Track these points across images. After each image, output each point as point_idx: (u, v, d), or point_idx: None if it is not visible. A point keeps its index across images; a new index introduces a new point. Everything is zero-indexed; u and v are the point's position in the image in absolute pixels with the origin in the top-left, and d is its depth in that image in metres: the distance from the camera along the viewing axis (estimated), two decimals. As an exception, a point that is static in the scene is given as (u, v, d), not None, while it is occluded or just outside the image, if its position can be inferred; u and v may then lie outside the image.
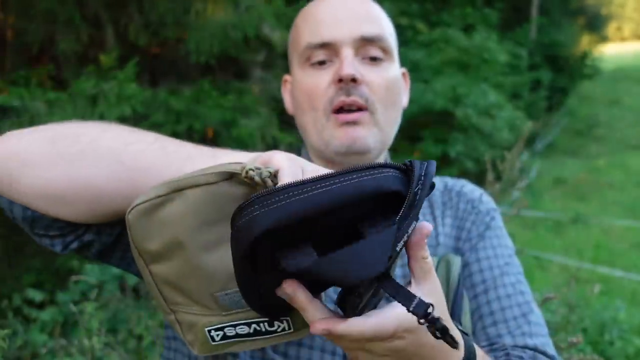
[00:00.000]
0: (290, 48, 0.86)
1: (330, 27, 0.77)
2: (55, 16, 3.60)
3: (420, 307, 0.46)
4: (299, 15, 0.84)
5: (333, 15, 0.78)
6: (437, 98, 8.10)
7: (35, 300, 2.79)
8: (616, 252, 6.22)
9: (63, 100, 3.13)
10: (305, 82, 0.79)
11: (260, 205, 0.45)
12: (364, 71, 0.77)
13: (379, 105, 0.78)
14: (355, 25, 0.77)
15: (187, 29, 3.83)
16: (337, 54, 0.77)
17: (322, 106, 0.77)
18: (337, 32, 0.76)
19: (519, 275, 0.83)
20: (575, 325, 2.79)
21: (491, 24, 10.62)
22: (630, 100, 15.81)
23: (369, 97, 0.77)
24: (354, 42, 0.77)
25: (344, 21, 0.77)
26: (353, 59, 0.76)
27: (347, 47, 0.76)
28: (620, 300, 4.23)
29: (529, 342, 0.76)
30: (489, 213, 0.86)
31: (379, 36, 0.78)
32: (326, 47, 0.77)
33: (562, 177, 9.87)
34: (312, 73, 0.79)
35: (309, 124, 0.80)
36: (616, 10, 32.05)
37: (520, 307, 0.78)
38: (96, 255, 0.70)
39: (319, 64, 0.78)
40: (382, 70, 0.79)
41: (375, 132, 0.78)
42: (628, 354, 3.38)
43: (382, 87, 0.78)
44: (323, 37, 0.77)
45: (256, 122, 4.15)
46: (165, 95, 3.74)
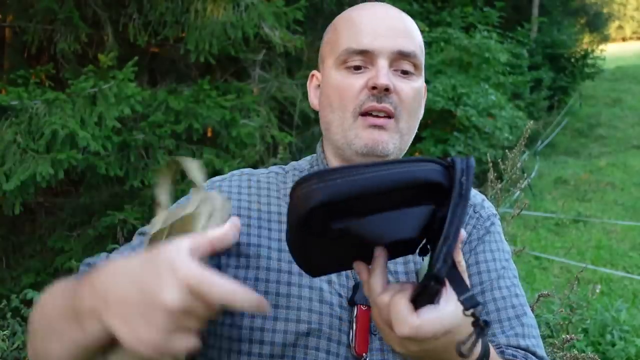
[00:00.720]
0: (326, 47, 0.90)
1: (370, 36, 0.82)
2: (54, 16, 3.60)
3: (471, 300, 0.52)
4: (340, 18, 0.89)
5: (375, 26, 0.83)
6: (438, 98, 8.08)
7: (35, 301, 2.78)
8: (617, 253, 6.20)
9: (62, 100, 3.12)
10: (339, 82, 0.84)
11: (318, 180, 0.52)
12: (396, 82, 0.82)
13: (405, 114, 0.83)
14: (394, 40, 0.83)
15: (187, 29, 3.82)
16: (372, 62, 0.82)
17: (352, 107, 0.82)
18: (377, 43, 0.82)
19: (514, 279, 0.88)
20: (576, 325, 2.78)
21: (492, 23, 10.60)
22: (631, 100, 15.80)
23: (397, 105, 0.82)
24: (390, 54, 0.82)
25: (384, 33, 0.83)
26: (388, 70, 0.81)
27: (383, 58, 0.82)
28: (622, 301, 4.22)
29: (522, 343, 0.81)
30: (490, 218, 0.91)
31: (414, 53, 0.84)
32: (364, 54, 0.82)
33: (563, 177, 9.86)
34: (347, 75, 0.83)
35: (335, 122, 0.84)
36: (617, 9, 32.04)
37: (514, 309, 0.84)
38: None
39: (354, 68, 0.83)
40: (412, 83, 0.84)
41: (397, 139, 0.83)
42: (629, 354, 3.37)
43: (410, 98, 0.84)
44: (363, 45, 0.82)
45: (256, 122, 4.14)
46: (164, 94, 3.73)
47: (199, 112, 3.65)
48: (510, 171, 2.09)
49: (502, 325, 0.82)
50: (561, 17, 14.95)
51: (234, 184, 0.88)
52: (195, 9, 3.79)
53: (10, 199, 2.99)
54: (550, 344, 2.23)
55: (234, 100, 3.93)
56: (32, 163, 2.94)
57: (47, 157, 2.97)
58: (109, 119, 3.17)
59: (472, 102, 8.19)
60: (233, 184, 0.88)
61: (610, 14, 21.71)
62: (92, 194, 3.83)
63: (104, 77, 3.29)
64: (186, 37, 3.86)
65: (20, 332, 2.68)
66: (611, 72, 18.85)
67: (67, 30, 3.63)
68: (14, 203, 3.02)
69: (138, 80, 3.77)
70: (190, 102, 3.70)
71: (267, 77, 4.76)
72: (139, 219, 3.52)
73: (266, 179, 0.90)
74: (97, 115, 3.18)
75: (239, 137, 3.95)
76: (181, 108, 3.63)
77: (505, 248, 0.91)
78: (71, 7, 3.57)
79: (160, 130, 3.58)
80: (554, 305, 3.04)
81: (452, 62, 9.13)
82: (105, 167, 3.33)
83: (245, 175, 0.90)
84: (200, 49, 3.78)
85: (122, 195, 3.76)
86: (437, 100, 8.05)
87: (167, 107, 3.66)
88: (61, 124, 2.97)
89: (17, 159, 2.97)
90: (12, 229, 3.88)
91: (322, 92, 0.88)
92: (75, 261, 3.32)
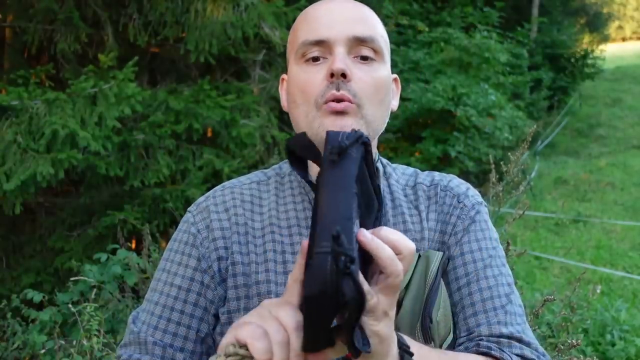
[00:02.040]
0: (289, 47, 0.91)
1: (325, 26, 0.82)
2: (54, 16, 3.60)
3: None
4: (299, 17, 0.90)
5: (329, 16, 0.84)
6: (438, 98, 8.09)
7: (35, 301, 2.78)
8: (617, 253, 6.21)
9: (62, 100, 3.12)
10: (299, 77, 0.84)
11: None
12: (354, 69, 0.82)
13: (366, 101, 0.82)
14: (349, 26, 0.82)
15: (187, 29, 3.82)
16: (330, 51, 0.82)
17: (313, 99, 0.82)
18: (332, 31, 0.82)
19: (502, 267, 0.87)
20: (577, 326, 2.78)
21: (492, 23, 10.61)
22: (631, 100, 15.80)
23: (357, 92, 0.81)
24: (347, 41, 0.82)
25: (339, 21, 0.83)
26: (345, 56, 0.81)
27: (340, 45, 0.81)
28: (622, 301, 4.22)
29: (504, 331, 0.81)
30: (474, 207, 0.90)
31: (371, 37, 0.83)
32: (321, 44, 0.82)
33: (563, 177, 9.86)
34: (306, 69, 0.84)
35: (301, 116, 0.84)
36: (617, 9, 32.04)
37: (500, 298, 0.83)
38: None
39: (313, 60, 0.83)
40: (371, 70, 0.83)
41: (362, 124, 0.81)
42: (629, 354, 3.37)
43: (371, 85, 0.82)
44: (318, 35, 0.82)
45: (256, 122, 4.14)
46: (164, 94, 3.73)
47: (199, 112, 3.65)
48: (512, 172, 2.08)
49: (488, 316, 0.82)
50: (561, 17, 14.96)
51: (219, 200, 0.88)
52: (195, 9, 3.79)
53: (11, 198, 2.99)
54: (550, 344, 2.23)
55: (234, 100, 3.93)
56: (33, 163, 2.94)
57: (48, 157, 2.97)
58: (109, 119, 3.17)
59: (472, 102, 8.19)
60: (218, 200, 0.88)
61: (610, 14, 21.71)
62: (92, 194, 3.83)
63: (104, 77, 3.29)
64: (186, 37, 3.86)
65: (20, 332, 2.68)
66: (611, 72, 18.85)
67: (67, 30, 3.63)
68: (14, 203, 3.02)
69: (138, 80, 3.77)
70: (190, 102, 3.70)
71: (267, 77, 4.76)
72: (138, 219, 3.52)
73: (248, 191, 0.90)
74: (97, 115, 3.18)
75: (239, 137, 3.94)
76: (181, 108, 3.63)
77: (493, 235, 0.90)
78: (71, 7, 3.57)
79: (160, 130, 3.58)
80: (554, 305, 3.04)
81: (452, 62, 9.14)
82: (106, 167, 3.33)
83: (228, 189, 0.90)
84: (200, 49, 3.78)
85: (122, 195, 3.76)
86: (437, 100, 8.05)
87: (167, 107, 3.66)
88: (61, 124, 2.97)
89: (18, 159, 2.97)
90: (12, 229, 3.88)
91: (288, 90, 0.88)
92: (75, 261, 3.31)
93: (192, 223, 0.86)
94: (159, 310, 0.82)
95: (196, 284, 0.82)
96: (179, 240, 0.87)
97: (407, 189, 0.93)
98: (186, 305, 0.82)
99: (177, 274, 0.83)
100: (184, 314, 0.81)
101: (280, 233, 0.85)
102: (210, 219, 0.86)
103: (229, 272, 0.82)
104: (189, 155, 3.87)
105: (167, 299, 0.82)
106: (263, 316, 0.55)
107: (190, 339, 0.81)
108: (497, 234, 0.93)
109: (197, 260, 0.83)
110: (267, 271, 0.81)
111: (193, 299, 0.82)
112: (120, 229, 3.24)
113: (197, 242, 0.84)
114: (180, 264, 0.84)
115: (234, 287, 0.81)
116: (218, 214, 0.86)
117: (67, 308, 2.60)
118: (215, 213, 0.86)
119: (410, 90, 8.37)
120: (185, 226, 0.87)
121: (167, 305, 0.82)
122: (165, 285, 0.84)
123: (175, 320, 0.81)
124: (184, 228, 0.87)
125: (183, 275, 0.83)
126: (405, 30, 9.87)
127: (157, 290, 0.84)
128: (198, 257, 0.83)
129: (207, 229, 0.85)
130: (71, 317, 2.62)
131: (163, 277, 0.85)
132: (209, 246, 0.84)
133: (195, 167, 3.85)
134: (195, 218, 0.87)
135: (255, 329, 0.54)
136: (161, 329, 0.81)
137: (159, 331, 0.81)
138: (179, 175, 3.89)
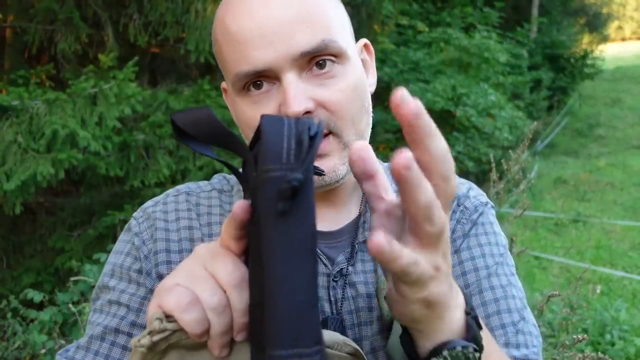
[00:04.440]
0: (219, 63, 0.69)
1: (258, 48, 0.61)
2: (54, 16, 3.60)
3: None
4: (217, 26, 0.66)
5: (257, 30, 0.60)
6: (437, 98, 8.09)
7: (35, 301, 2.78)
8: (617, 253, 6.21)
9: (62, 100, 3.12)
10: (246, 114, 0.65)
11: None
12: (316, 90, 0.63)
13: (344, 124, 0.64)
14: (289, 39, 0.60)
15: (187, 29, 3.82)
16: (277, 79, 0.63)
17: None
18: (269, 54, 0.60)
19: (511, 276, 0.73)
20: (576, 325, 2.79)
21: (491, 23, 10.61)
22: (631, 100, 15.81)
23: (329, 120, 0.63)
24: (292, 62, 0.61)
25: (273, 36, 0.60)
26: (298, 85, 0.61)
27: (287, 72, 0.61)
28: (621, 301, 4.22)
29: (516, 354, 0.67)
30: (477, 209, 0.76)
31: (323, 44, 0.61)
32: (261, 74, 0.62)
33: (563, 177, 9.86)
34: (251, 104, 0.64)
35: None
36: (617, 9, 32.04)
37: (510, 314, 0.69)
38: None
39: (256, 87, 0.64)
40: (338, 81, 0.64)
41: (345, 155, 0.66)
42: (629, 354, 3.37)
43: (344, 102, 0.64)
44: (253, 65, 0.61)
45: (256, 122, 4.15)
46: (164, 95, 3.74)
47: (199, 112, 3.66)
48: (513, 171, 2.09)
49: (494, 335, 0.66)
50: (561, 17, 14.96)
51: (170, 208, 0.73)
52: (195, 9, 3.79)
53: (11, 198, 2.99)
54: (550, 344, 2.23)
55: (234, 101, 3.94)
56: (33, 163, 2.94)
57: (48, 157, 2.97)
58: (109, 119, 3.17)
59: (472, 103, 8.19)
60: (169, 207, 0.73)
61: (609, 14, 21.70)
62: (92, 194, 3.84)
63: (104, 77, 3.29)
64: (186, 37, 3.86)
65: (21, 332, 2.69)
66: (611, 72, 18.85)
67: (67, 31, 3.63)
68: (15, 203, 3.02)
69: (138, 80, 3.78)
70: (191, 102, 3.71)
71: (267, 77, 4.76)
72: (139, 219, 3.52)
73: (207, 200, 0.75)
74: (97, 115, 3.18)
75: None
76: (181, 108, 3.64)
77: (500, 241, 0.75)
78: (71, 8, 3.57)
79: (161, 131, 3.58)
80: (553, 305, 3.05)
81: (452, 62, 9.13)
82: (106, 167, 3.33)
83: (183, 195, 0.75)
84: (201, 49, 3.78)
85: (122, 195, 3.76)
86: (437, 100, 8.05)
87: (168, 107, 3.67)
88: (62, 124, 2.98)
89: (18, 159, 2.97)
90: (13, 229, 3.88)
91: (237, 121, 0.69)
92: (76, 261, 3.32)
93: (136, 233, 0.72)
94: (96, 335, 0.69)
95: (147, 303, 0.69)
96: (119, 253, 0.73)
97: None
98: (135, 327, 0.69)
99: (125, 292, 0.70)
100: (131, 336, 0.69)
101: None
102: (155, 228, 0.71)
103: None
104: (189, 155, 3.88)
105: (115, 320, 0.69)
106: (193, 275, 0.44)
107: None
108: (507, 240, 0.78)
109: (141, 275, 0.70)
110: None
111: (142, 320, 0.69)
112: (120, 229, 3.24)
113: (140, 255, 0.70)
114: (129, 282, 0.70)
115: None
116: (167, 223, 0.72)
117: (67, 308, 2.60)
118: (164, 222, 0.72)
119: (410, 90, 8.36)
120: (129, 236, 0.73)
121: (109, 328, 0.68)
122: (108, 307, 0.70)
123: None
124: (127, 238, 0.73)
125: (133, 294, 0.69)
126: (405, 30, 9.86)
127: (97, 316, 0.71)
128: (139, 270, 0.70)
129: (152, 240, 0.71)
130: (71, 317, 2.63)
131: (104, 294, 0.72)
132: (152, 260, 0.70)
133: (196, 167, 3.86)
134: (140, 227, 0.72)
135: (182, 295, 0.42)
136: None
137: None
138: (179, 175, 3.89)
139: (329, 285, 0.68)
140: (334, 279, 0.68)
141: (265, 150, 0.36)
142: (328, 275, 0.69)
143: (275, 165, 0.35)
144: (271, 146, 0.36)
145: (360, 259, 0.70)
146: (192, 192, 0.76)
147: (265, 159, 0.36)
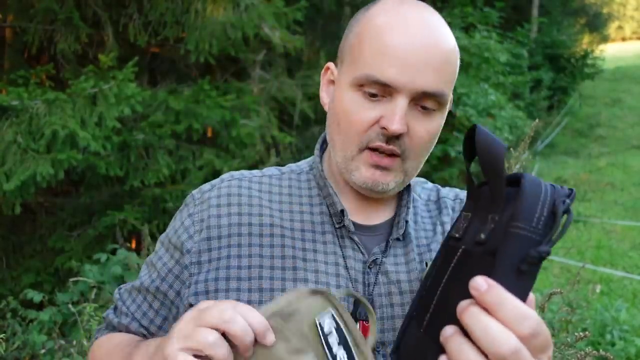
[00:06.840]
0: (346, 49, 0.80)
1: (396, 68, 0.72)
2: (54, 16, 3.60)
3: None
4: (367, 26, 0.77)
5: (404, 54, 0.72)
6: (438, 98, 8.09)
7: (35, 301, 2.78)
8: (617, 253, 6.21)
9: (62, 100, 3.12)
10: (351, 108, 0.76)
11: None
12: (412, 121, 0.75)
13: (413, 155, 0.77)
14: (422, 77, 0.73)
15: (187, 29, 3.82)
16: (392, 95, 0.74)
17: (358, 140, 0.76)
18: (402, 78, 0.72)
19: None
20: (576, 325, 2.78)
21: (492, 23, 10.60)
22: (631, 100, 15.80)
23: (407, 147, 0.76)
24: (413, 93, 0.73)
25: (412, 67, 0.72)
26: (404, 112, 0.73)
27: (403, 97, 0.73)
28: (621, 301, 4.22)
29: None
30: None
31: (440, 92, 0.74)
32: (385, 86, 0.73)
33: (563, 177, 9.86)
34: (360, 102, 0.75)
35: (339, 143, 0.79)
36: (617, 9, 32.03)
37: None
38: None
39: (370, 95, 0.75)
40: (430, 122, 0.77)
41: (400, 179, 0.78)
42: (629, 354, 3.37)
43: (423, 140, 0.77)
44: (386, 78, 0.73)
45: (255, 122, 4.15)
46: (164, 95, 3.74)
47: (199, 112, 3.66)
48: (514, 169, 2.08)
49: None
50: (561, 17, 14.96)
51: (223, 192, 0.83)
52: (195, 9, 3.79)
53: (11, 199, 2.99)
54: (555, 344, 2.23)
55: (234, 100, 3.93)
56: (33, 163, 2.94)
57: (48, 157, 2.97)
58: (109, 119, 3.17)
59: (472, 102, 8.19)
60: (222, 192, 0.83)
61: (610, 14, 21.71)
62: (92, 194, 3.83)
63: (104, 77, 3.29)
64: (186, 37, 3.86)
65: (21, 332, 2.68)
66: (611, 72, 18.85)
67: (67, 31, 3.63)
68: (14, 203, 3.02)
69: (138, 80, 3.78)
70: (190, 102, 3.71)
71: (267, 77, 4.77)
72: (138, 219, 3.52)
73: (258, 185, 0.85)
74: (97, 116, 3.18)
75: (239, 137, 3.95)
76: (181, 108, 3.64)
77: None
78: (71, 8, 3.57)
79: (160, 130, 3.58)
80: (553, 305, 3.04)
81: (452, 62, 9.13)
82: (106, 167, 3.33)
83: (236, 180, 0.85)
84: (201, 49, 3.78)
85: (122, 195, 3.76)
86: (437, 100, 8.05)
87: (167, 107, 3.66)
88: (61, 124, 2.98)
89: (18, 159, 2.97)
90: (12, 229, 3.88)
91: (333, 105, 0.80)
92: (75, 261, 3.32)
93: (190, 214, 0.82)
94: (136, 286, 0.88)
95: (171, 276, 0.83)
96: (172, 227, 0.85)
97: (429, 203, 0.89)
98: (159, 292, 0.84)
99: (161, 259, 0.85)
100: (156, 297, 0.85)
101: (292, 236, 0.79)
102: (208, 214, 0.81)
103: (218, 275, 0.77)
104: (189, 155, 3.88)
105: (148, 280, 0.86)
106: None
107: (155, 323, 0.86)
108: None
109: (180, 253, 0.81)
110: (271, 279, 0.75)
111: (165, 288, 0.83)
112: (120, 229, 3.25)
113: (185, 235, 0.81)
114: (167, 252, 0.84)
115: (225, 291, 0.76)
116: (219, 208, 0.81)
117: (67, 308, 2.60)
118: (216, 207, 0.81)
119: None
120: (183, 215, 0.84)
121: (143, 285, 0.86)
122: (150, 266, 0.87)
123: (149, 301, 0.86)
124: (181, 217, 0.85)
125: (165, 263, 0.84)
126: (405, 30, 9.86)
127: (145, 269, 0.89)
128: (181, 250, 0.81)
129: (202, 223, 0.80)
130: (71, 317, 2.63)
131: (152, 258, 0.88)
132: (199, 242, 0.80)
133: (195, 167, 3.86)
134: (195, 208, 0.83)
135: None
136: (136, 304, 0.87)
137: (134, 304, 0.87)
138: (179, 175, 3.89)
139: (364, 271, 0.79)
140: (369, 267, 0.80)
141: (521, 208, 0.42)
142: (364, 262, 0.80)
143: (524, 225, 0.42)
144: (526, 206, 0.42)
145: (393, 254, 0.81)
146: (245, 177, 0.86)
147: (517, 215, 0.42)
